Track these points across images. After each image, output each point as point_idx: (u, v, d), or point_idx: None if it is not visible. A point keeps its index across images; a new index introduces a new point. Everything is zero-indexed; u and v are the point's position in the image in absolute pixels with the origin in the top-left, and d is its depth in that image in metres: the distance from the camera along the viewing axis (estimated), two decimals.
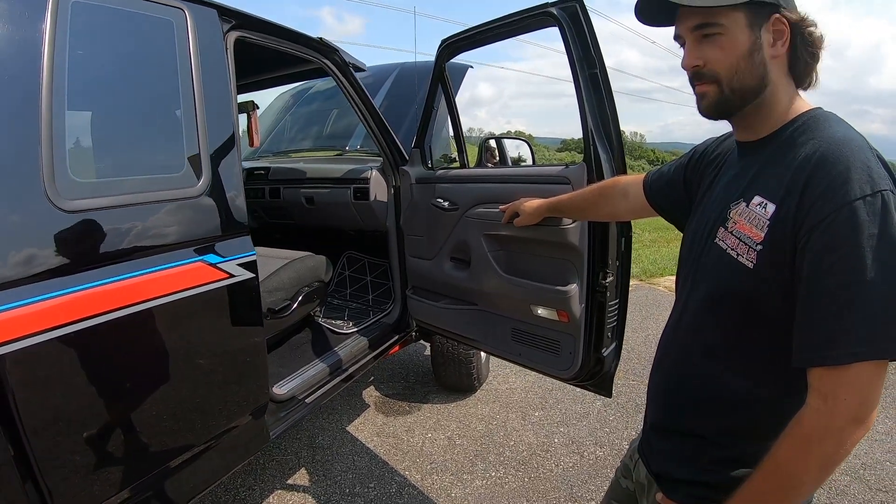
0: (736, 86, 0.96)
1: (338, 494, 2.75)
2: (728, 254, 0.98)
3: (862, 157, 0.84)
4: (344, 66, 2.56)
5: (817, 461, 0.83)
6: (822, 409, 0.82)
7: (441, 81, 2.49)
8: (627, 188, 1.52)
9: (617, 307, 2.10)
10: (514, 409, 3.62)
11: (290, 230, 3.83)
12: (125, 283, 1.42)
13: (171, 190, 1.61)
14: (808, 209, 0.84)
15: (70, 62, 1.38)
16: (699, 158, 1.24)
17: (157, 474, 1.58)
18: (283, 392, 2.20)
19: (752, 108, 0.99)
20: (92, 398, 1.39)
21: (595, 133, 1.91)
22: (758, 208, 0.93)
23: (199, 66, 1.71)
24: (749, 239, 0.93)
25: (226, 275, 1.68)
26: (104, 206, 1.43)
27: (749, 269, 0.93)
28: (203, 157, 1.68)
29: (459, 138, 2.69)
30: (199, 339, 1.67)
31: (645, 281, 7.18)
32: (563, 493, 2.74)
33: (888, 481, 2.81)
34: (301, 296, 2.55)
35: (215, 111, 1.74)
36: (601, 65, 1.90)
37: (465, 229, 2.39)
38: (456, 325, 2.61)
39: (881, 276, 0.78)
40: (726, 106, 0.99)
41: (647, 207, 1.43)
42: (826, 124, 0.92)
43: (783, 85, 0.97)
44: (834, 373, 0.81)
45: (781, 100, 0.98)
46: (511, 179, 2.26)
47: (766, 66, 0.95)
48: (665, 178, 1.37)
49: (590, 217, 1.88)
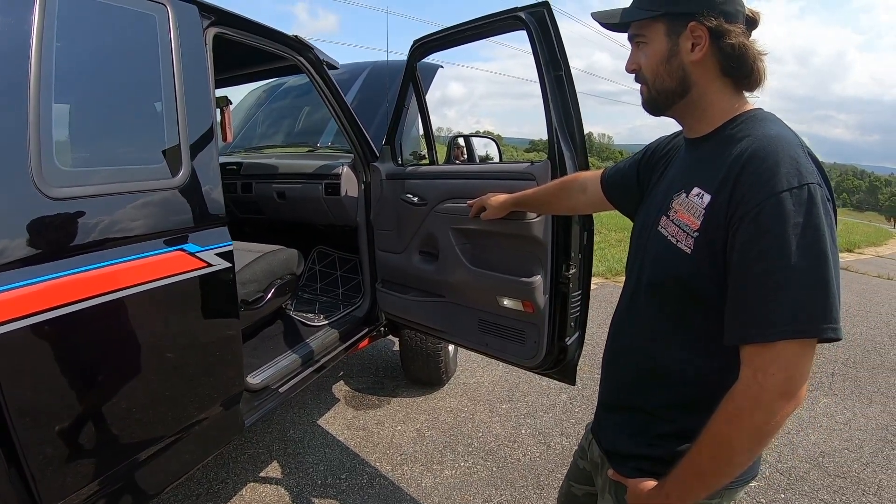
0: (659, 87, 1.08)
1: (310, 486, 2.79)
2: (668, 240, 1.05)
3: (791, 152, 0.90)
4: (318, 64, 2.60)
5: (749, 432, 0.89)
6: (753, 383, 0.88)
7: (412, 80, 2.56)
8: (586, 183, 1.61)
9: (580, 298, 2.19)
10: (482, 402, 3.71)
11: (262, 225, 3.85)
12: (108, 269, 1.45)
13: (153, 180, 1.64)
14: (739, 200, 0.91)
15: (58, 54, 1.40)
16: (650, 154, 1.34)
17: (131, 464, 1.61)
18: (257, 382, 2.23)
19: (683, 107, 1.09)
20: (73, 385, 1.41)
21: (559, 132, 2.00)
22: (696, 198, 1.00)
23: (180, 60, 1.74)
24: (687, 226, 1.01)
25: (204, 264, 1.71)
26: (89, 194, 1.45)
27: (687, 254, 1.00)
28: (183, 150, 1.71)
29: (429, 136, 2.76)
30: (179, 327, 1.70)
31: (611, 279, 7.34)
32: (530, 481, 2.83)
33: (846, 468, 2.98)
34: (274, 288, 2.59)
35: (195, 105, 1.78)
36: (566, 67, 1.99)
37: (433, 224, 2.46)
38: (424, 316, 2.68)
39: (804, 262, 0.85)
40: (655, 104, 1.11)
41: (605, 201, 1.52)
42: (762, 123, 0.99)
43: (715, 88, 1.05)
44: (763, 349, 0.88)
45: (715, 100, 1.06)
46: (478, 176, 2.34)
47: (684, 69, 1.04)
48: (620, 173, 1.45)
49: (552, 210, 1.98)
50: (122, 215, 1.53)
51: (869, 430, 3.42)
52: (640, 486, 1.10)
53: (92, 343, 1.46)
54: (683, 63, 1.04)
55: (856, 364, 4.54)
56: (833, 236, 0.88)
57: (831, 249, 0.87)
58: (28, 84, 1.32)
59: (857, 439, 3.30)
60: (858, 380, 4.23)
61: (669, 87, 1.07)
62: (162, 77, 1.70)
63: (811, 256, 0.85)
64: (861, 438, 3.31)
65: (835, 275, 0.87)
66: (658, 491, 1.05)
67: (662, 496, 1.03)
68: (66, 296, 1.34)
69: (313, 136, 3.81)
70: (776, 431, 0.91)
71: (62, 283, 1.34)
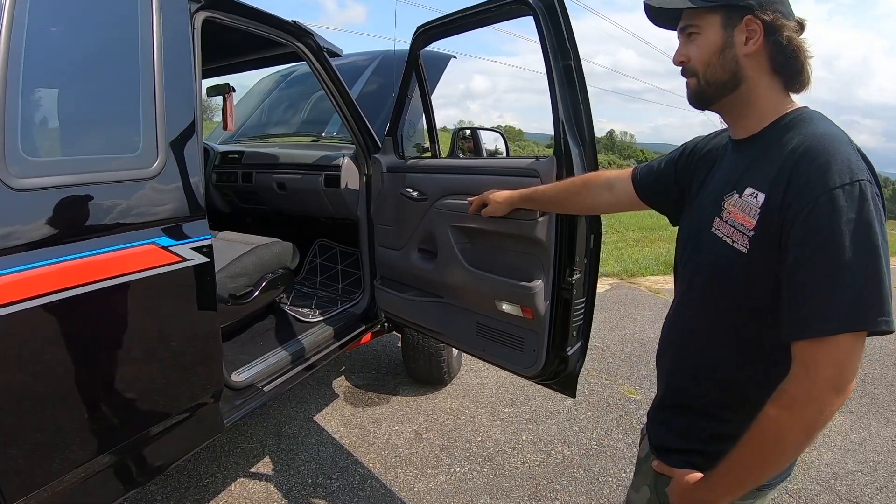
0: (710, 78, 1.08)
1: (300, 485, 2.72)
2: (724, 241, 1.06)
3: (843, 150, 0.92)
4: (318, 51, 2.50)
5: (799, 426, 0.91)
6: (804, 378, 0.90)
7: (415, 69, 2.44)
8: (612, 181, 1.56)
9: (583, 305, 2.07)
10: (484, 405, 3.60)
11: (264, 216, 3.77)
12: (73, 263, 1.38)
13: (126, 170, 1.56)
14: (792, 198, 0.92)
15: (28, 36, 1.33)
16: (689, 154, 1.32)
17: (97, 463, 1.53)
18: (242, 379, 2.15)
19: (731, 102, 1.09)
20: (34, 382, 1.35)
21: (567, 126, 1.87)
22: (749, 198, 1.01)
23: (162, 45, 1.65)
24: (742, 226, 1.02)
25: (178, 258, 1.63)
26: (56, 184, 1.38)
27: (743, 253, 1.01)
28: (160, 139, 1.63)
29: (432, 128, 2.65)
30: (149, 323, 1.62)
31: (626, 280, 7.19)
32: (526, 491, 2.72)
33: (858, 492, 2.82)
34: (264, 282, 2.50)
35: (176, 92, 1.69)
36: (576, 56, 1.86)
37: (432, 220, 2.35)
38: (421, 317, 2.57)
39: (857, 257, 0.87)
40: (703, 96, 1.11)
41: (631, 201, 1.49)
42: (812, 122, 1.00)
43: (764, 84, 1.05)
44: (816, 344, 0.90)
45: (764, 98, 1.06)
46: (480, 171, 2.23)
47: (738, 62, 1.04)
48: (654, 172, 1.43)
49: (567, 209, 1.85)
50: (90, 207, 1.46)
51: (884, 452, 3.24)
52: (686, 478, 1.12)
53: (54, 339, 1.39)
54: (737, 56, 1.05)
55: (874, 380, 4.33)
56: (883, 232, 0.90)
57: (882, 244, 0.89)
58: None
59: (872, 461, 3.12)
60: (876, 397, 4.03)
61: (721, 80, 1.07)
62: (141, 63, 1.61)
63: (864, 251, 0.87)
64: (876, 460, 3.13)
65: (886, 269, 0.88)
66: (703, 483, 1.07)
67: (706, 488, 1.06)
68: (27, 290, 1.28)
69: (319, 125, 3.72)
70: (824, 426, 0.93)
71: (22, 278, 1.27)
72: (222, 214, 3.73)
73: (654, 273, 7.49)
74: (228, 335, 2.46)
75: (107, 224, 1.49)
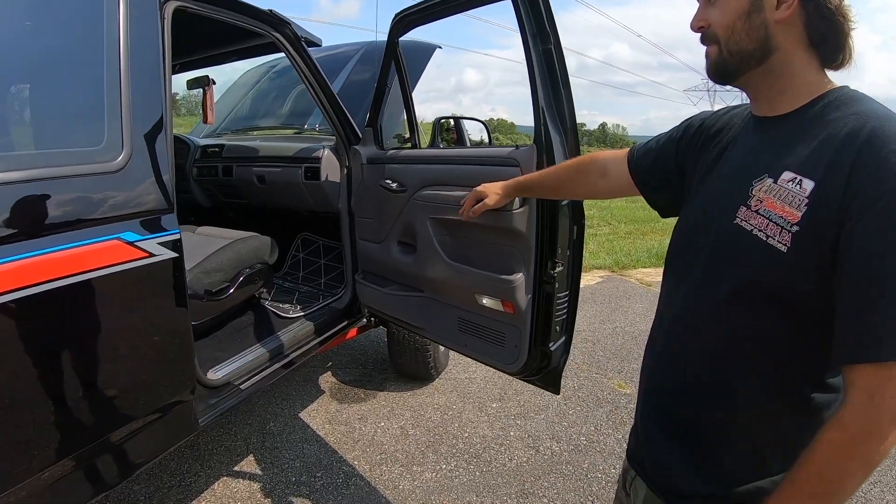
0: (733, 47, 0.92)
1: (283, 483, 2.68)
2: (755, 235, 0.87)
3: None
4: (296, 41, 2.43)
5: (861, 462, 0.77)
6: (868, 408, 0.75)
7: (394, 58, 2.38)
8: (607, 165, 1.39)
9: (567, 299, 2.02)
10: (472, 400, 3.55)
11: (246, 210, 3.71)
12: (32, 260, 1.32)
13: (89, 164, 1.50)
14: (858, 188, 0.76)
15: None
16: (695, 132, 1.14)
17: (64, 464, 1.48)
18: (218, 377, 2.09)
19: (759, 76, 0.93)
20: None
21: (547, 113, 1.82)
22: (790, 185, 0.84)
23: (128, 33, 1.59)
24: (781, 219, 0.84)
25: (144, 253, 1.57)
26: (13, 180, 1.33)
27: (782, 252, 0.83)
28: (125, 131, 1.56)
29: (411, 118, 2.59)
30: (115, 321, 1.55)
31: (617, 272, 7.14)
32: (514, 488, 2.67)
33: None
34: (241, 277, 2.44)
35: (143, 82, 1.63)
36: (556, 40, 1.79)
37: (412, 212, 2.29)
38: (403, 312, 2.52)
39: None
40: (725, 67, 0.95)
41: (630, 186, 1.31)
42: (863, 101, 0.85)
43: (800, 57, 0.89)
44: (882, 369, 0.74)
45: (799, 73, 0.90)
46: (459, 161, 2.17)
47: (767, 28, 0.88)
48: (653, 153, 1.25)
49: (563, 196, 1.77)
50: (52, 201, 1.40)
51: None
52: None
53: (13, 338, 1.33)
54: (766, 21, 0.88)
55: None
56: None
57: None
58: None
59: None
60: None
61: (746, 49, 0.91)
62: (106, 51, 1.55)
63: None
64: None
65: None
66: None
67: None
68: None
69: (301, 118, 3.67)
70: (885, 458, 0.78)
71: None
72: (205, 209, 3.67)
73: (646, 265, 7.45)
74: (205, 332, 2.40)
75: (68, 219, 1.43)
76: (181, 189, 3.48)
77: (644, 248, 8.53)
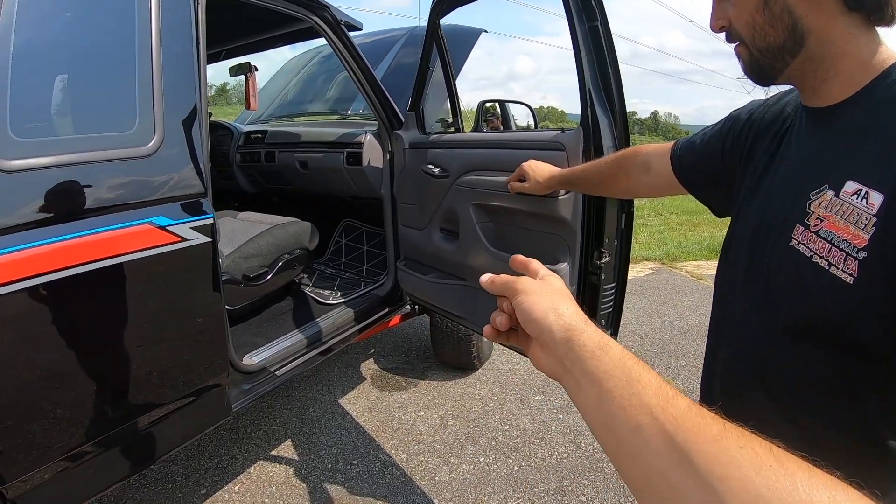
0: (760, 44, 0.77)
1: (319, 469, 2.67)
2: (815, 264, 0.71)
3: None
4: (336, 25, 2.38)
5: None
6: None
7: (436, 41, 2.30)
8: (649, 160, 1.25)
9: (613, 291, 1.92)
10: (514, 392, 3.47)
11: (290, 196, 3.72)
12: (66, 243, 1.33)
13: (122, 148, 1.49)
14: None
15: (18, 8, 1.28)
16: (743, 126, 0.98)
17: (95, 445, 1.49)
18: (253, 363, 2.08)
19: (801, 67, 0.76)
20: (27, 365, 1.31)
21: (594, 94, 1.72)
22: (854, 199, 0.66)
23: (161, 18, 1.57)
24: (845, 243, 0.67)
25: (177, 238, 1.55)
26: (47, 164, 1.33)
27: (847, 284, 0.66)
28: (157, 116, 1.55)
29: (454, 102, 2.52)
30: (147, 304, 1.55)
31: (668, 264, 6.92)
32: (552, 484, 2.59)
33: None
34: (280, 263, 2.43)
35: (175, 67, 1.61)
36: (602, 17, 1.69)
37: (454, 198, 2.22)
38: (444, 300, 2.46)
39: None
40: (760, 68, 0.79)
41: (674, 184, 1.15)
42: None
43: (839, 31, 0.71)
44: None
45: (847, 48, 0.72)
46: (502, 145, 2.08)
47: (791, 13, 0.72)
48: (697, 149, 1.10)
49: (606, 193, 1.63)
50: (85, 186, 1.40)
51: None
52: None
53: (48, 321, 1.33)
54: (788, 5, 0.72)
55: None
56: None
57: None
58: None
59: None
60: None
61: (775, 43, 0.75)
62: (137, 37, 1.53)
63: None
64: None
65: None
66: None
67: None
68: (18, 272, 1.24)
69: (345, 103, 3.63)
70: None
71: (14, 260, 1.23)
72: (249, 195, 3.69)
73: (698, 258, 7.18)
74: (242, 317, 2.40)
75: (100, 204, 1.42)
76: (225, 175, 3.53)
77: (696, 240, 8.24)
